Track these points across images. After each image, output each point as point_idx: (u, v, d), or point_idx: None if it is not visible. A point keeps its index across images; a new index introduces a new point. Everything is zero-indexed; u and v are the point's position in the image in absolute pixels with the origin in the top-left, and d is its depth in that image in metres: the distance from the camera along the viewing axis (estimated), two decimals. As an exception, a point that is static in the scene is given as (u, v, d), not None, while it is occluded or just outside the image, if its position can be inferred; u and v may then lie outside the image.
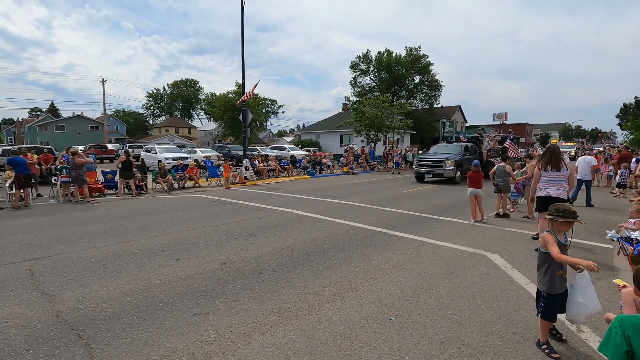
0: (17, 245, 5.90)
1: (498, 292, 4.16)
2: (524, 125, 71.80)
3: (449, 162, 15.58)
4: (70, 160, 11.23)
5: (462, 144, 17.35)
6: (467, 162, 15.21)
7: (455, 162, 15.59)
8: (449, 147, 17.86)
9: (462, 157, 16.32)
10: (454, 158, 15.92)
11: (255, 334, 3.21)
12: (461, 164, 15.86)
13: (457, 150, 16.80)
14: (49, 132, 49.95)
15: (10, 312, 3.58)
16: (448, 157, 15.92)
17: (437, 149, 18.28)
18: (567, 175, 5.55)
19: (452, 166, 15.38)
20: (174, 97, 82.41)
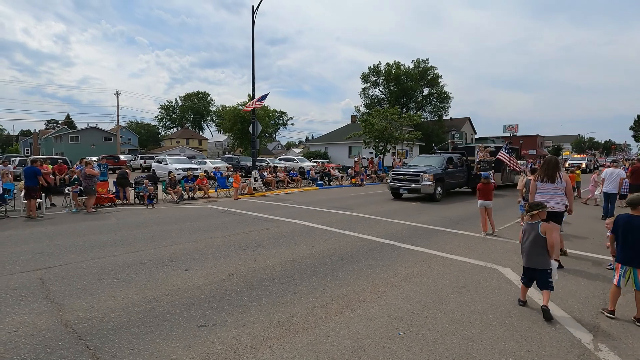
0: (30, 254, 5.99)
1: (510, 308, 4.05)
2: (535, 137, 70.97)
3: (426, 176, 13.44)
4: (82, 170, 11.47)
5: (445, 156, 15.26)
6: (451, 175, 14.60)
7: (434, 176, 13.51)
8: (430, 158, 15.75)
9: (444, 170, 14.30)
10: (434, 171, 13.80)
11: (262, 347, 3.17)
12: (442, 178, 13.96)
13: (439, 163, 14.71)
14: (64, 143, 51.20)
15: (20, 320, 3.61)
16: (426, 170, 13.84)
17: (418, 160, 16.33)
18: (562, 187, 5.52)
19: (431, 181, 13.33)
20: (186, 109, 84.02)
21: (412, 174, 13.91)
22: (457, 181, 15.29)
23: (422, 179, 13.46)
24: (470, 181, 15.74)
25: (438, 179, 13.70)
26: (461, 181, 15.62)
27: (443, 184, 13.98)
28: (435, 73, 51.19)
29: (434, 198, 13.53)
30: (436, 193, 13.53)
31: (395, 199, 14.32)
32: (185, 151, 46.93)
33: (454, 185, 15.33)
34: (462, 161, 15.78)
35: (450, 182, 14.65)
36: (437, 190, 13.56)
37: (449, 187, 14.68)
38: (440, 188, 13.77)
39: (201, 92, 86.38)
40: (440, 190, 13.77)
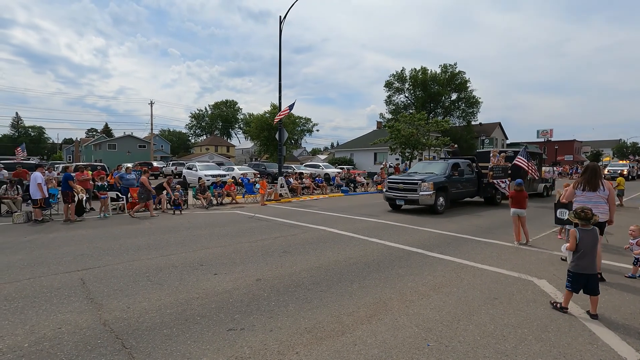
0: (71, 256, 6.35)
1: (547, 322, 3.86)
2: (571, 142, 67.63)
3: (425, 184, 11.67)
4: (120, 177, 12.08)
5: (450, 162, 13.42)
6: (457, 184, 12.85)
7: (435, 185, 11.74)
8: (432, 165, 14.17)
9: (448, 177, 12.51)
10: (434, 179, 12.01)
11: (289, 353, 3.19)
12: (445, 187, 12.18)
13: (442, 170, 12.93)
14: (102, 151, 54.13)
15: (64, 318, 3.84)
16: (425, 178, 12.05)
17: (419, 167, 14.74)
18: (605, 196, 5.24)
19: (431, 190, 11.57)
20: (214, 117, 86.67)
21: (409, 182, 12.20)
22: (464, 190, 13.47)
23: (421, 188, 11.69)
24: (482, 190, 14.04)
25: (440, 188, 11.96)
26: (470, 190, 13.75)
27: (446, 194, 12.24)
28: (464, 78, 50.08)
29: (435, 210, 11.72)
30: (437, 204, 11.74)
31: (393, 210, 12.81)
32: (214, 158, 48.34)
33: (461, 195, 13.54)
34: (471, 168, 13.94)
35: (456, 191, 12.96)
36: (438, 201, 11.78)
37: (454, 197, 13.03)
38: (443, 198, 12.02)
39: (229, 101, 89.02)
40: (443, 201, 12.01)
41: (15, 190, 11.59)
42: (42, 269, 5.59)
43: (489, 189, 13.99)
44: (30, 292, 4.59)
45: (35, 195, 10.00)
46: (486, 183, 13.78)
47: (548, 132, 61.20)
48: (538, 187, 17.62)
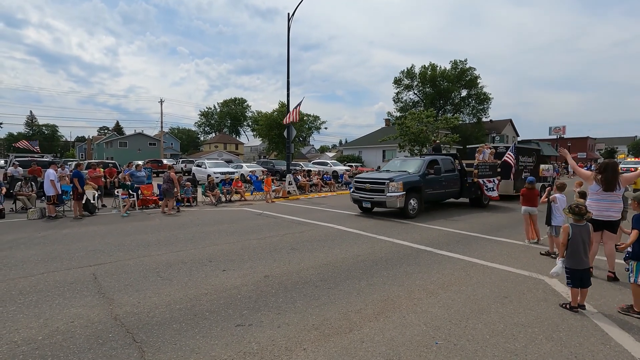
0: (84, 251, 6.47)
1: (559, 321, 3.80)
2: (585, 140, 66.25)
3: (393, 184, 10.08)
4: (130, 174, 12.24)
5: (427, 159, 11.73)
6: (434, 184, 11.25)
7: (406, 185, 10.19)
8: (408, 162, 12.25)
9: (423, 176, 10.90)
10: (405, 179, 10.36)
11: (297, 349, 3.21)
12: (419, 188, 10.65)
13: (417, 168, 11.26)
14: (113, 148, 54.93)
15: (76, 312, 3.91)
16: (394, 177, 10.35)
17: (393, 164, 12.75)
18: (621, 194, 5.16)
19: (400, 191, 10.01)
20: (223, 115, 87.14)
21: (376, 182, 10.60)
22: (443, 191, 11.85)
23: (389, 188, 10.13)
24: (465, 191, 12.45)
25: (412, 188, 10.43)
26: (451, 191, 12.16)
27: (420, 196, 10.69)
28: (474, 74, 49.36)
29: (405, 214, 10.24)
30: (409, 208, 10.26)
31: (364, 213, 11.47)
32: (223, 155, 48.68)
33: (440, 196, 12.01)
34: (453, 165, 12.33)
35: (433, 192, 11.37)
36: (410, 204, 10.28)
37: (431, 198, 11.54)
38: (416, 200, 10.49)
39: (238, 98, 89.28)
40: (416, 204, 10.47)
41: (30, 187, 11.83)
42: (56, 264, 5.71)
43: (473, 188, 12.57)
44: (44, 286, 4.69)
45: (49, 192, 10.21)
46: (470, 182, 12.34)
47: (561, 129, 60.04)
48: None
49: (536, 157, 16.82)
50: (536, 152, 17.12)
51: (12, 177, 14.10)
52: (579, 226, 4.11)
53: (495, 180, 12.81)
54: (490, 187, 12.65)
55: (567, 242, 4.11)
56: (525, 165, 15.77)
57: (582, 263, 4.01)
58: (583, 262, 4.02)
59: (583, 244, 4.05)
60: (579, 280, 4.01)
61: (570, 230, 4.09)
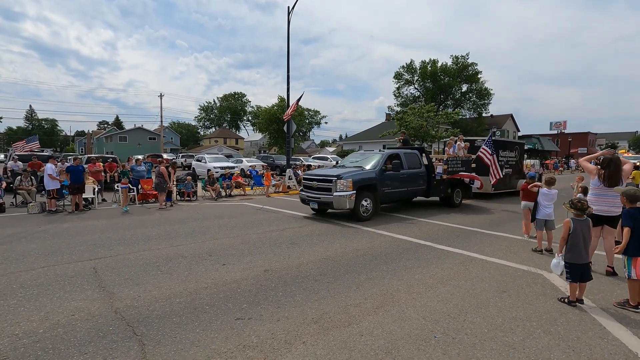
0: (84, 245, 6.49)
1: (557, 315, 3.82)
2: (586, 135, 66.12)
3: (341, 182, 8.83)
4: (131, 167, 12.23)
5: (385, 153, 10.36)
6: (391, 181, 9.87)
7: (356, 183, 8.92)
8: (367, 157, 10.76)
9: (379, 173, 9.61)
10: (356, 176, 9.12)
11: (296, 342, 3.23)
12: (374, 186, 9.42)
13: (373, 163, 9.95)
14: (113, 143, 54.84)
15: (77, 306, 3.93)
16: (343, 174, 9.06)
17: (352, 158, 11.45)
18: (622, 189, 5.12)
19: (349, 190, 8.77)
20: (223, 109, 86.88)
21: (323, 179, 9.31)
22: (405, 189, 10.42)
23: (336, 187, 8.86)
24: (433, 189, 11.02)
25: (364, 187, 9.18)
26: (416, 189, 10.78)
27: (375, 195, 9.43)
28: (475, 69, 49.16)
29: (357, 216, 8.97)
30: (360, 209, 9.00)
31: (319, 215, 10.00)
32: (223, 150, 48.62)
33: (401, 195, 10.54)
34: (419, 161, 10.93)
35: (391, 190, 9.97)
36: (362, 204, 9.02)
37: (389, 198, 10.18)
38: (370, 201, 9.19)
39: (237, 93, 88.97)
40: (370, 205, 9.18)
41: (30, 181, 11.83)
42: (56, 257, 5.73)
43: (442, 186, 11.21)
44: (45, 280, 4.71)
45: (48, 186, 10.21)
46: (439, 180, 11.12)
47: (561, 124, 59.92)
48: (517, 184, 14.75)
49: (519, 151, 15.58)
50: (519, 146, 15.94)
51: (12, 171, 14.09)
52: (580, 221, 4.12)
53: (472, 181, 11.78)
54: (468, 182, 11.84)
55: (567, 236, 4.12)
56: (506, 160, 14.54)
57: (583, 257, 4.03)
58: (583, 256, 4.04)
59: (583, 239, 4.07)
60: (579, 275, 4.02)
61: (571, 225, 4.10)
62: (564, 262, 4.12)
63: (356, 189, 8.91)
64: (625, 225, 4.04)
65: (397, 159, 10.21)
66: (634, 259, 3.96)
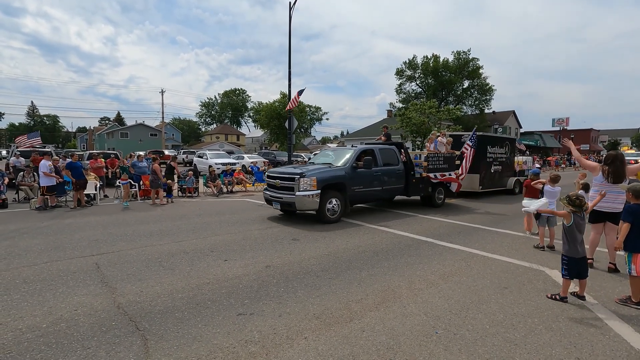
0: (86, 241, 6.51)
1: (558, 312, 3.82)
2: (588, 131, 65.87)
3: (305, 181, 8.03)
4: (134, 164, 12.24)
5: (358, 149, 9.56)
6: (362, 179, 9.00)
7: (321, 182, 8.12)
8: (338, 153, 9.98)
9: (348, 171, 8.78)
10: (322, 174, 8.34)
11: (298, 338, 3.24)
12: (342, 185, 8.61)
13: (344, 160, 9.12)
14: (115, 139, 54.88)
15: (80, 301, 3.95)
16: (306, 172, 8.28)
17: (322, 156, 10.70)
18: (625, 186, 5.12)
19: (313, 189, 7.98)
20: (224, 105, 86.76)
21: (286, 177, 8.53)
22: (380, 188, 9.50)
23: (298, 186, 8.07)
24: (412, 187, 10.17)
25: (330, 186, 8.38)
26: (392, 187, 9.87)
27: (344, 195, 8.63)
28: (477, 64, 48.86)
29: (322, 218, 8.23)
30: (326, 211, 8.24)
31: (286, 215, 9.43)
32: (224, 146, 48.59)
33: (375, 194, 9.61)
34: (396, 157, 10.08)
35: (363, 189, 9.09)
36: (328, 205, 8.27)
37: (361, 198, 9.34)
38: (337, 201, 8.42)
39: (238, 89, 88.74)
40: (337, 205, 8.40)
41: (32, 177, 11.86)
42: (59, 253, 5.75)
43: (422, 185, 10.41)
44: (48, 275, 4.73)
45: (42, 183, 10.20)
46: (418, 178, 10.23)
47: (564, 121, 59.60)
48: (507, 182, 14.48)
49: (510, 147, 14.78)
50: (510, 142, 15.05)
51: (15, 167, 14.13)
52: (578, 216, 4.13)
53: (451, 174, 11.03)
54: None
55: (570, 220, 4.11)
56: (495, 157, 13.77)
57: (580, 251, 4.04)
58: (580, 250, 4.04)
59: (580, 234, 4.09)
60: (576, 271, 4.00)
61: (572, 218, 4.10)
62: (563, 255, 4.12)
63: (321, 188, 8.12)
64: (625, 220, 4.05)
65: (369, 156, 9.31)
66: (634, 255, 3.96)
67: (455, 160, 11.28)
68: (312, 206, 8.11)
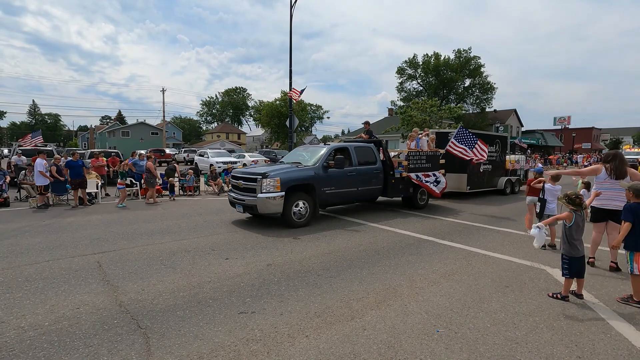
0: (88, 240, 6.53)
1: (559, 311, 3.82)
2: (590, 130, 65.67)
3: (268, 182, 7.36)
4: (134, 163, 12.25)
5: (331, 146, 8.89)
6: (332, 181, 8.27)
7: (285, 183, 7.48)
8: (310, 151, 9.23)
9: (318, 171, 8.12)
10: (287, 174, 7.70)
11: (299, 336, 3.24)
12: (310, 187, 7.94)
13: (315, 159, 8.44)
14: (116, 138, 54.91)
15: (82, 299, 3.97)
16: (269, 172, 7.58)
17: (292, 155, 9.84)
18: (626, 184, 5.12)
19: (277, 191, 7.35)
20: (225, 104, 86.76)
21: (248, 177, 7.81)
22: (355, 189, 8.84)
23: (261, 187, 7.39)
24: (390, 188, 9.53)
25: (298, 187, 7.75)
26: (369, 188, 9.20)
27: (313, 197, 7.96)
28: (478, 63, 48.72)
29: (289, 222, 7.58)
30: (292, 214, 7.59)
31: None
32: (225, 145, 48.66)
33: (349, 196, 8.93)
34: (374, 156, 9.41)
35: (335, 191, 8.42)
36: (295, 208, 7.61)
37: (333, 200, 8.63)
38: (305, 204, 7.75)
39: (239, 88, 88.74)
40: (305, 208, 7.74)
41: (33, 176, 11.86)
42: (61, 251, 5.77)
43: (402, 185, 9.75)
44: (50, 273, 4.75)
45: (38, 182, 10.19)
46: (398, 178, 9.63)
47: (565, 120, 59.46)
48: (498, 182, 13.77)
49: (501, 145, 13.98)
50: (500, 140, 14.13)
51: (17, 166, 14.16)
52: (578, 215, 4.13)
53: (437, 174, 10.43)
54: (431, 182, 10.25)
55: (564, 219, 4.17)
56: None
57: (580, 250, 4.05)
58: (580, 249, 4.05)
59: (580, 233, 4.11)
60: (577, 270, 4.02)
61: (574, 217, 4.10)
62: (563, 255, 4.11)
63: (286, 190, 7.48)
64: (626, 219, 4.04)
65: (343, 154, 8.67)
66: (636, 254, 3.96)
67: (439, 160, 10.67)
68: (275, 209, 7.47)
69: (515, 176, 14.65)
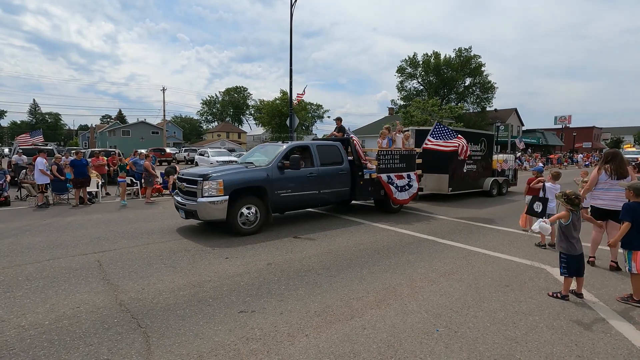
0: (88, 239, 6.53)
1: (559, 310, 3.82)
2: (591, 129, 65.55)
3: (209, 185, 6.61)
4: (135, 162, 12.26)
5: (289, 145, 8.03)
6: (288, 183, 7.52)
7: (230, 186, 6.70)
8: (267, 150, 8.48)
9: (274, 171, 7.35)
10: (232, 176, 6.89)
11: (299, 335, 3.25)
12: (262, 189, 7.17)
13: (270, 159, 7.62)
14: (117, 137, 54.99)
15: (82, 298, 3.97)
16: (212, 173, 6.81)
17: (248, 154, 9.27)
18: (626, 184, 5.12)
19: (220, 195, 6.59)
20: (226, 103, 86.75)
21: (190, 179, 7.06)
22: (316, 192, 8.03)
23: (202, 190, 6.64)
24: (359, 190, 8.74)
25: (245, 190, 6.99)
26: (333, 191, 8.39)
27: (264, 201, 7.17)
28: (478, 62, 48.66)
29: (235, 228, 6.79)
30: (238, 220, 6.80)
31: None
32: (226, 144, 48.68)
33: (310, 199, 8.12)
34: (340, 156, 8.64)
35: (292, 194, 7.67)
36: (241, 215, 6.82)
37: (290, 204, 7.88)
38: (255, 209, 6.98)
39: (239, 87, 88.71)
40: (252, 215, 6.93)
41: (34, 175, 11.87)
42: (61, 250, 5.77)
43: (372, 187, 8.87)
44: (50, 272, 4.76)
45: (38, 181, 10.21)
46: (367, 179, 8.78)
47: (566, 119, 59.40)
48: (484, 183, 12.90)
49: (487, 144, 13.10)
50: (486, 139, 13.15)
51: (17, 165, 14.17)
52: (575, 214, 4.13)
53: (411, 175, 9.48)
54: (401, 186, 9.19)
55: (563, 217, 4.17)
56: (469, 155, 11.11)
57: (578, 249, 4.05)
58: (578, 248, 4.06)
59: (577, 231, 4.11)
60: (576, 269, 4.02)
61: (571, 215, 4.11)
62: (562, 255, 4.11)
63: (230, 193, 6.70)
64: (624, 219, 4.04)
65: (301, 154, 7.93)
66: (634, 253, 3.96)
67: (415, 159, 9.75)
68: (218, 215, 6.66)
69: (503, 177, 13.80)
